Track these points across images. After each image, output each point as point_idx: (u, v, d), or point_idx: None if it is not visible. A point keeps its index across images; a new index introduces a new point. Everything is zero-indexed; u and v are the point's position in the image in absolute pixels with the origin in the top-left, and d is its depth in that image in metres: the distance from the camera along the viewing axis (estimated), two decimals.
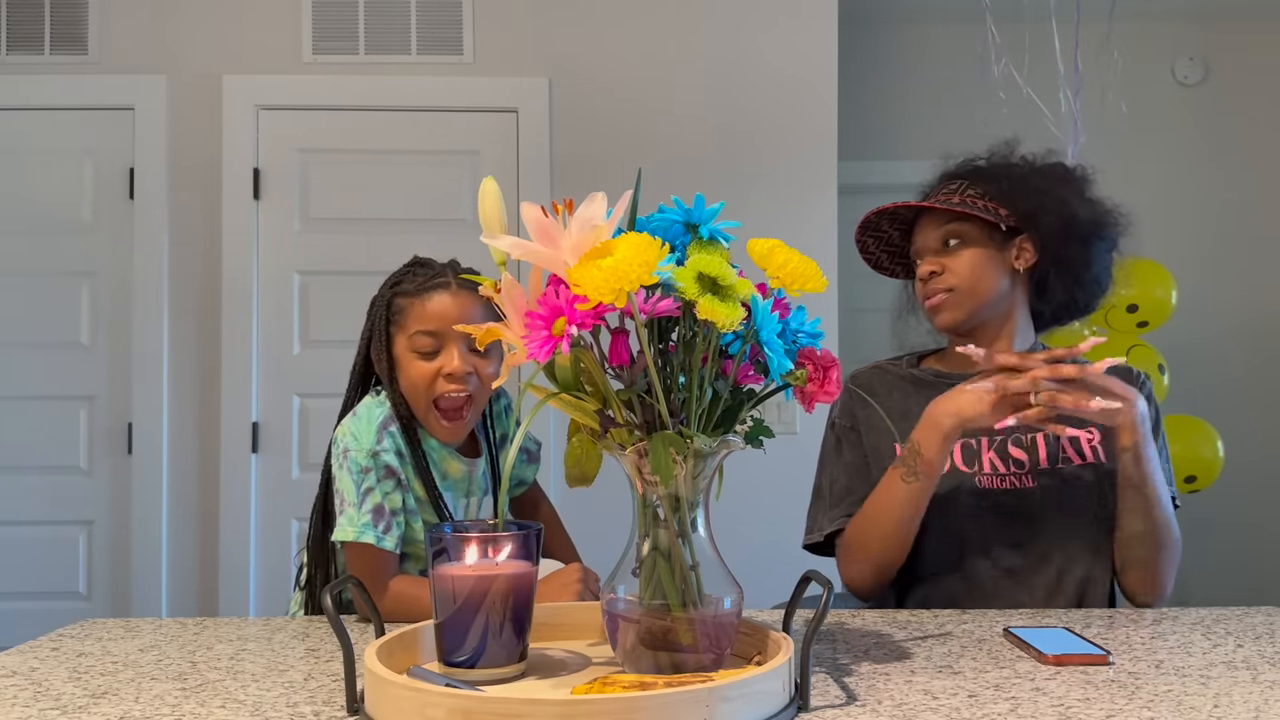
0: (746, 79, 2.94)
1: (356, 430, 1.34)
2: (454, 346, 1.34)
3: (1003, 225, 1.38)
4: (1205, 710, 0.86)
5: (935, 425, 1.27)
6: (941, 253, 1.41)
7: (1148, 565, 1.31)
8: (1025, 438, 1.38)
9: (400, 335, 1.37)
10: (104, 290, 2.89)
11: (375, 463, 1.32)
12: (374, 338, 1.40)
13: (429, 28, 2.93)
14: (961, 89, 3.55)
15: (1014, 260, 1.40)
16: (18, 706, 0.90)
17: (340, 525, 1.32)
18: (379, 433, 1.33)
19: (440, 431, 1.37)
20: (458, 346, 1.35)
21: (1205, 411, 3.41)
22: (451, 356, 1.34)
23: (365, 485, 1.31)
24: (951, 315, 1.40)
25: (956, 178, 1.45)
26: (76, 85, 2.88)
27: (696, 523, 0.93)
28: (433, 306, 1.35)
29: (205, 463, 2.87)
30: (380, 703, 0.82)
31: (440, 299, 1.35)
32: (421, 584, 1.31)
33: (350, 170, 2.91)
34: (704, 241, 0.91)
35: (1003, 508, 1.36)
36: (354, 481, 1.32)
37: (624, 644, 0.92)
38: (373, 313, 1.41)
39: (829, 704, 0.88)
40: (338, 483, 1.34)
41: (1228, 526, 3.65)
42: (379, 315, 1.39)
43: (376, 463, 1.32)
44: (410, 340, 1.35)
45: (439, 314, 1.35)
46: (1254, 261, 3.75)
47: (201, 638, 1.17)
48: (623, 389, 0.89)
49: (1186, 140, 3.71)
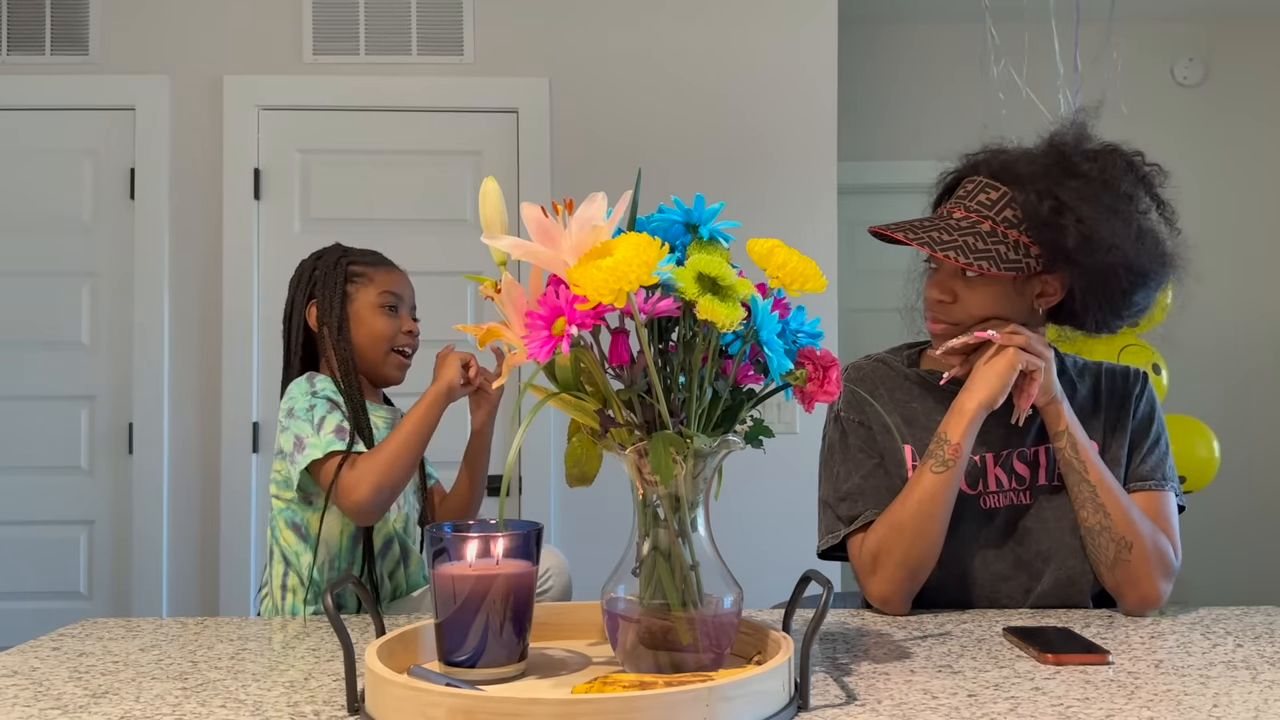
0: (746, 79, 2.94)
1: (292, 394, 1.53)
2: (406, 311, 1.65)
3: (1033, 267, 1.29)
4: (1205, 710, 0.86)
5: (960, 413, 1.28)
6: (957, 279, 1.33)
7: (1125, 567, 1.26)
8: (1029, 452, 1.38)
9: (364, 292, 1.61)
10: (104, 290, 2.89)
11: (318, 399, 1.51)
12: (323, 298, 1.59)
13: (429, 28, 2.93)
14: (961, 89, 3.55)
15: (1035, 298, 1.33)
16: (18, 706, 0.90)
17: (305, 455, 1.45)
18: (310, 385, 1.53)
19: (394, 374, 1.63)
20: (408, 311, 1.66)
21: (1201, 412, 3.41)
22: (407, 318, 1.65)
23: (318, 415, 1.48)
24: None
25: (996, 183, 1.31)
26: (77, 85, 2.88)
27: (696, 523, 0.93)
28: (396, 276, 1.65)
29: (205, 463, 2.87)
30: (381, 702, 0.82)
31: (399, 273, 1.66)
32: (378, 449, 1.46)
33: (350, 170, 2.91)
34: (704, 241, 0.91)
35: (1002, 523, 1.35)
36: (306, 419, 1.48)
37: (624, 644, 0.93)
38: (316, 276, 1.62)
39: (829, 704, 0.88)
40: (292, 434, 1.48)
41: (1226, 526, 3.66)
42: (334, 277, 1.60)
43: (319, 398, 1.51)
44: (380, 296, 1.61)
45: (401, 282, 1.65)
46: (1252, 261, 3.75)
47: (202, 637, 1.17)
48: (623, 389, 0.89)
49: (1186, 140, 3.71)
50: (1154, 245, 1.29)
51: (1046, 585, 1.33)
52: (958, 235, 1.29)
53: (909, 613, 1.29)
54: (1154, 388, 1.43)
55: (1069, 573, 1.32)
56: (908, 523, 1.27)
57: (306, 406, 1.50)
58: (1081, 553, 1.32)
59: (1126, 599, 1.28)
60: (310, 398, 1.51)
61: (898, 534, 1.28)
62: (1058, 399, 1.30)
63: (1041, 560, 1.34)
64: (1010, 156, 1.33)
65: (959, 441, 1.27)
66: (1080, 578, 1.32)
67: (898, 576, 1.27)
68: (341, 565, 1.54)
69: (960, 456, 1.27)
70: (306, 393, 1.52)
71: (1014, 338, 1.28)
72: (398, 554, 1.62)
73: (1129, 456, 1.38)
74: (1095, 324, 1.35)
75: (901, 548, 1.27)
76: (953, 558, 1.32)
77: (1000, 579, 1.34)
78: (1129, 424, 1.38)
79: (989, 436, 1.34)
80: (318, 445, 1.45)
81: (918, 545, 1.27)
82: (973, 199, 1.32)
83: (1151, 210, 1.32)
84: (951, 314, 1.35)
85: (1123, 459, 1.37)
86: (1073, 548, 1.32)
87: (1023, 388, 1.29)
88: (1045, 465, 1.36)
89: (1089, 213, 1.25)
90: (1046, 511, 1.35)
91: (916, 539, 1.27)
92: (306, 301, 1.62)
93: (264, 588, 1.58)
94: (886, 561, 1.28)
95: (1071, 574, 1.32)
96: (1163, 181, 1.34)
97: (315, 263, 1.64)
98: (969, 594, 1.34)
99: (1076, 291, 1.31)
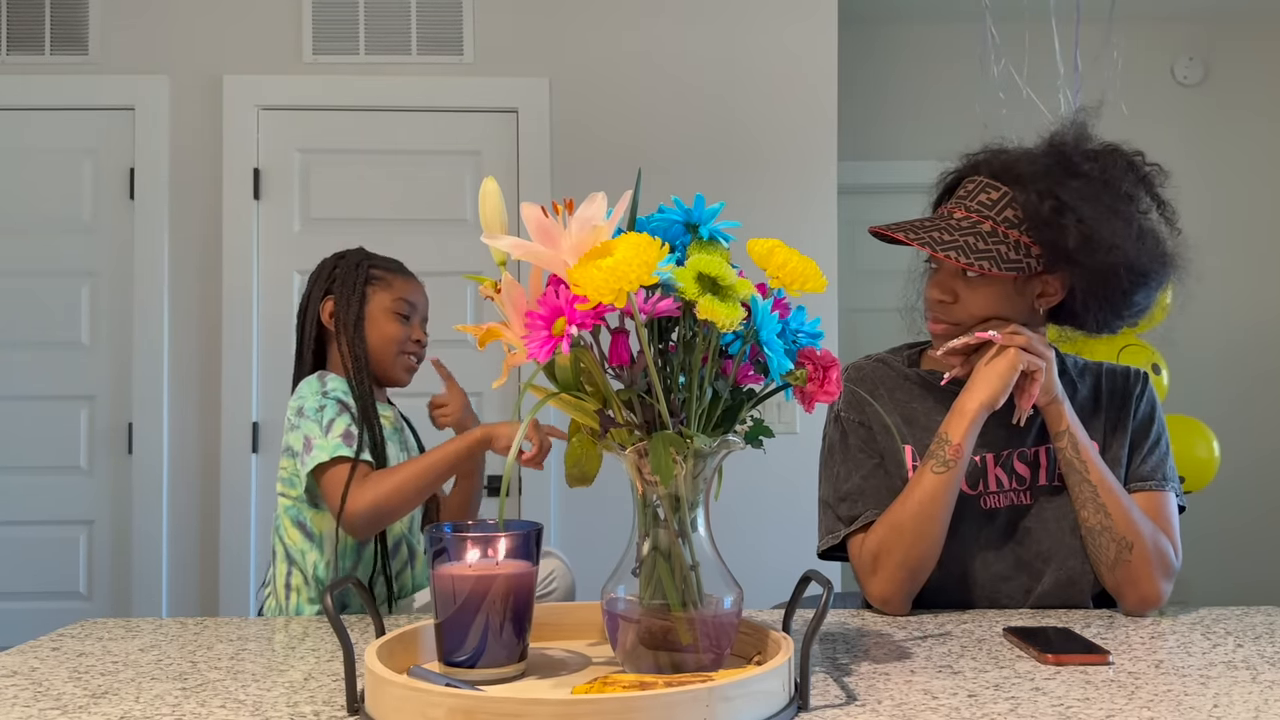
0: (746, 79, 2.94)
1: (301, 393, 1.54)
2: (417, 321, 1.68)
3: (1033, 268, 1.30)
4: (1205, 710, 0.86)
5: (962, 414, 1.28)
6: (958, 279, 1.33)
7: (1125, 567, 1.26)
8: (1029, 452, 1.37)
9: (380, 296, 1.63)
10: (104, 290, 2.89)
11: (328, 399, 1.51)
12: (341, 295, 1.61)
13: (429, 28, 2.93)
14: (961, 89, 3.55)
15: (1035, 298, 1.33)
16: (18, 706, 0.90)
17: (312, 456, 1.45)
18: (321, 384, 1.54)
19: (402, 376, 1.66)
20: (420, 322, 1.69)
21: (1201, 412, 3.41)
22: (418, 328, 1.68)
23: (326, 418, 1.49)
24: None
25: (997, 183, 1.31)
26: (77, 85, 2.88)
27: (696, 523, 0.93)
28: (414, 286, 1.68)
29: (205, 463, 2.86)
30: (380, 702, 0.82)
31: (417, 284, 1.70)
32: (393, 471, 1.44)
33: (350, 170, 2.91)
34: (704, 241, 0.91)
35: (1003, 523, 1.35)
36: (315, 420, 1.49)
37: (624, 644, 0.92)
38: (337, 274, 1.63)
39: (829, 704, 0.88)
40: (301, 433, 1.48)
41: (1226, 527, 3.66)
42: (355, 276, 1.62)
43: (329, 399, 1.51)
44: (395, 303, 1.64)
45: (418, 292, 1.68)
46: (1252, 261, 3.75)
47: (202, 638, 1.17)
48: (623, 389, 0.89)
49: (1186, 140, 3.71)
50: (1155, 245, 1.29)
51: (1047, 585, 1.33)
52: (958, 235, 1.29)
53: (909, 613, 1.29)
54: (1154, 388, 1.43)
55: (1069, 573, 1.32)
56: (908, 523, 1.27)
57: (316, 406, 1.50)
58: (1082, 553, 1.32)
59: (1127, 599, 1.28)
60: (320, 397, 1.51)
61: (898, 534, 1.28)
62: (1059, 399, 1.30)
63: (1042, 560, 1.34)
64: (1011, 156, 1.33)
65: (960, 442, 1.27)
66: (1080, 578, 1.32)
67: (898, 577, 1.27)
68: (346, 565, 1.54)
69: (961, 457, 1.27)
70: (317, 392, 1.52)
71: (1015, 338, 1.28)
72: (405, 555, 1.62)
73: (1129, 457, 1.37)
74: (1096, 324, 1.35)
75: (902, 548, 1.27)
76: (953, 558, 1.32)
77: (1000, 579, 1.34)
78: (1129, 424, 1.38)
79: (989, 437, 1.34)
80: (324, 449, 1.46)
81: (918, 546, 1.27)
82: (973, 199, 1.32)
83: (1152, 210, 1.32)
84: (952, 314, 1.35)
85: (1123, 459, 1.37)
86: (1073, 548, 1.32)
87: (1024, 388, 1.29)
88: (1046, 465, 1.36)
89: (1090, 213, 1.24)
90: (1047, 512, 1.34)
91: (917, 539, 1.27)
92: (323, 296, 1.64)
93: (266, 586, 1.58)
94: (887, 562, 1.28)
95: (1072, 574, 1.32)
96: (1163, 182, 1.34)
97: (337, 261, 1.66)
98: (969, 594, 1.34)
99: (1077, 291, 1.31)
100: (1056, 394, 1.30)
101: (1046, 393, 1.29)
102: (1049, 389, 1.29)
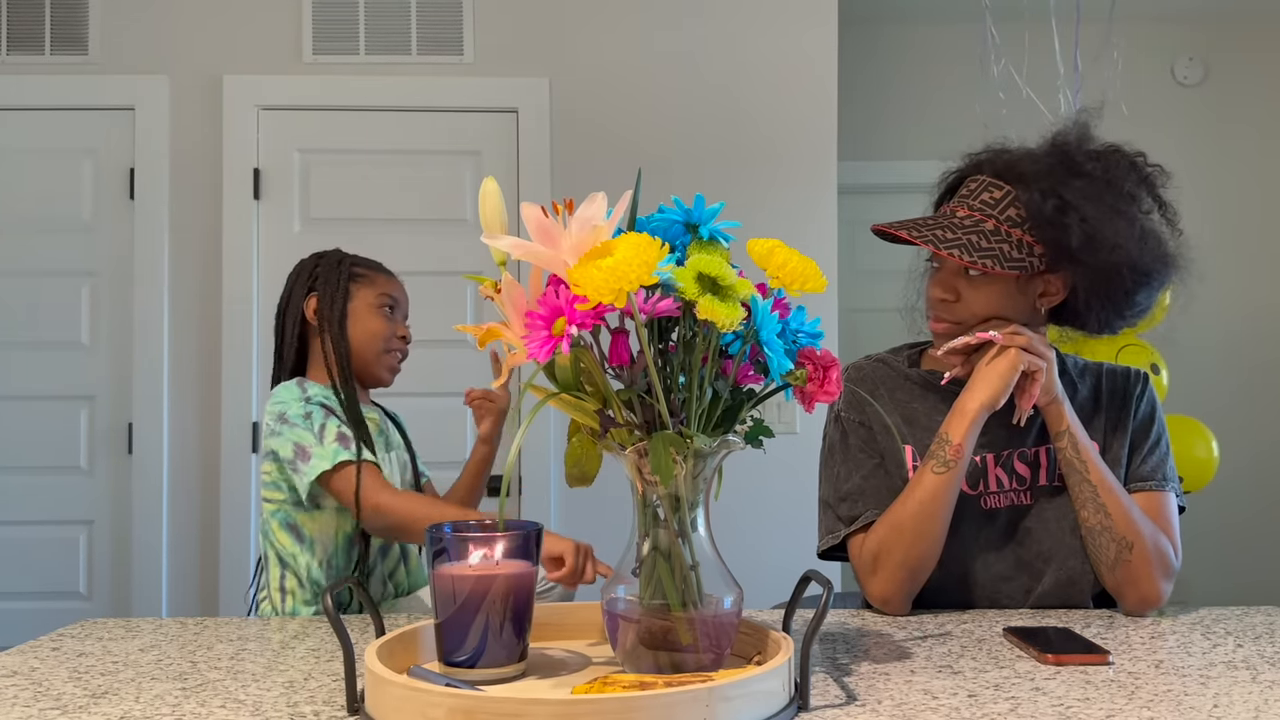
0: (746, 79, 2.94)
1: (281, 398, 1.52)
2: (400, 316, 1.69)
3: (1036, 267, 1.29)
4: (1205, 710, 0.86)
5: (962, 414, 1.28)
6: (960, 277, 1.33)
7: (1125, 567, 1.26)
8: (1030, 452, 1.37)
9: (364, 291, 1.64)
10: (104, 290, 2.88)
11: (312, 405, 1.51)
12: (324, 293, 1.61)
13: (429, 28, 2.93)
14: (961, 89, 3.55)
15: (1037, 297, 1.33)
16: (18, 706, 0.90)
17: (312, 465, 1.44)
18: (302, 390, 1.53)
19: (385, 375, 1.66)
20: (402, 318, 1.70)
21: (1201, 412, 3.41)
22: (401, 324, 1.68)
23: (317, 424, 1.48)
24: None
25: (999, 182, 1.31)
26: (77, 85, 2.88)
27: (696, 523, 0.93)
28: (395, 283, 1.70)
29: (205, 463, 2.86)
30: (380, 702, 0.82)
31: (397, 281, 1.71)
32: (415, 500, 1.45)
33: (350, 170, 2.91)
34: (704, 241, 0.91)
35: (1003, 523, 1.35)
36: (305, 427, 1.48)
37: (624, 644, 0.92)
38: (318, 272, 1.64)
39: (829, 704, 0.88)
40: (289, 440, 1.47)
41: (1226, 527, 3.66)
42: (337, 274, 1.63)
43: (313, 404, 1.51)
44: (379, 298, 1.65)
45: (398, 288, 1.69)
46: (1252, 261, 3.75)
47: (201, 638, 1.17)
48: (623, 389, 0.89)
49: (1186, 140, 3.71)
50: (1157, 245, 1.29)
51: (1047, 585, 1.33)
52: (961, 233, 1.29)
53: (909, 613, 1.29)
54: (1154, 388, 1.43)
55: (1069, 573, 1.32)
56: (908, 523, 1.27)
57: (302, 414, 1.49)
58: (1082, 553, 1.32)
59: (1127, 599, 1.28)
60: (304, 404, 1.50)
61: (898, 534, 1.28)
62: (1059, 399, 1.30)
63: (1042, 560, 1.34)
64: (1013, 156, 1.33)
65: (960, 442, 1.27)
66: (1081, 578, 1.32)
67: (898, 577, 1.27)
68: (339, 565, 1.54)
69: (962, 457, 1.27)
70: (299, 398, 1.51)
71: (1015, 338, 1.28)
72: (397, 554, 1.62)
73: (1129, 457, 1.37)
74: (1097, 324, 1.35)
75: (902, 548, 1.27)
76: (953, 558, 1.32)
77: (1001, 579, 1.34)
78: (1129, 424, 1.38)
79: (990, 437, 1.34)
80: (324, 456, 1.45)
81: (918, 546, 1.27)
82: (976, 198, 1.32)
83: (1154, 211, 1.32)
84: (954, 313, 1.35)
85: (1123, 459, 1.37)
86: (1073, 548, 1.32)
87: (1024, 388, 1.29)
88: (1046, 465, 1.36)
89: (1093, 212, 1.24)
90: (1047, 512, 1.34)
91: (917, 539, 1.27)
92: (306, 294, 1.64)
93: (261, 590, 1.58)
94: (887, 562, 1.28)
95: (1072, 574, 1.32)
96: (1165, 182, 1.34)
97: (318, 260, 1.67)
98: (969, 594, 1.34)
99: (1079, 291, 1.31)
100: (1057, 394, 1.30)
101: (1047, 393, 1.29)
102: (1049, 389, 1.29)
